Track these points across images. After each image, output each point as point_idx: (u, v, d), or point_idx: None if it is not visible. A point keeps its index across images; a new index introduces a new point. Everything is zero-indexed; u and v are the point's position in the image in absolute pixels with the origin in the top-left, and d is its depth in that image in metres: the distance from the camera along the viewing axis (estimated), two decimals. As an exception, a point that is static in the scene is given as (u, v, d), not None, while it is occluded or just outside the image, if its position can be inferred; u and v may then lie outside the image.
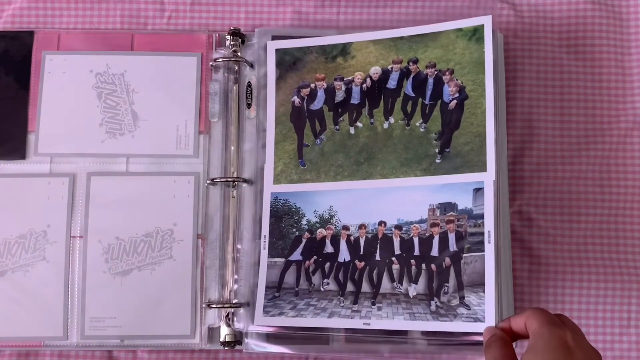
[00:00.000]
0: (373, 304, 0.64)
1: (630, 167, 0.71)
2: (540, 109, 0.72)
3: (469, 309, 0.61)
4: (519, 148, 0.72)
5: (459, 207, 0.64)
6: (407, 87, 0.69)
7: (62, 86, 0.71)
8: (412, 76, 0.69)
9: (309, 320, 0.64)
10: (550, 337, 0.49)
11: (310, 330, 0.65)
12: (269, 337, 0.66)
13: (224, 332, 0.67)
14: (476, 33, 0.67)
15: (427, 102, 0.68)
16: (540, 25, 0.74)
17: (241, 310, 0.67)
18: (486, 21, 0.66)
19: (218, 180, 0.69)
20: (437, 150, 0.66)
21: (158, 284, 0.68)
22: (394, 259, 0.65)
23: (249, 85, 0.72)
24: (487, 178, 0.63)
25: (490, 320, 0.60)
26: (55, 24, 0.74)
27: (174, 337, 0.67)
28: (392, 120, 0.69)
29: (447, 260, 0.64)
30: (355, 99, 0.70)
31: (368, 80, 0.70)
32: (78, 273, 0.68)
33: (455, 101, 0.67)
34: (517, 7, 0.74)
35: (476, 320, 0.60)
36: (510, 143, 0.71)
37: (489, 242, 0.62)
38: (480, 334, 0.58)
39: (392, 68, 0.69)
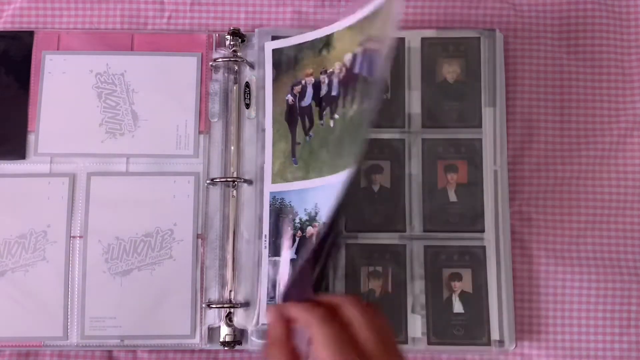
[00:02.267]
0: None
1: (630, 167, 0.71)
2: (540, 109, 0.72)
3: None
4: (519, 148, 0.72)
5: None
6: None
7: (62, 86, 0.71)
8: None
9: None
10: None
11: None
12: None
13: (224, 332, 0.67)
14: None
15: None
16: (540, 25, 0.74)
17: (241, 310, 0.67)
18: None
19: (218, 180, 0.69)
20: None
21: (158, 284, 0.68)
22: None
23: (247, 85, 0.72)
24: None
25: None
26: (55, 24, 0.74)
27: (174, 337, 0.67)
28: None
29: None
30: (334, 91, 0.67)
31: (343, 69, 0.66)
32: (78, 273, 0.68)
33: None
34: (517, 7, 0.74)
35: None
36: (510, 143, 0.71)
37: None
38: None
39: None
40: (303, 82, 0.69)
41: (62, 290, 0.67)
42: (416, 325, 0.66)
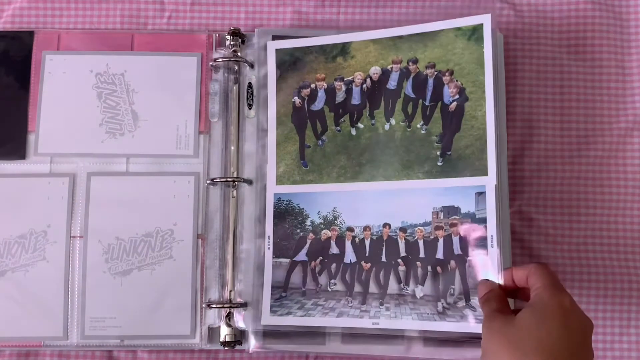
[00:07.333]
0: (381, 304, 0.64)
1: (630, 167, 0.71)
2: (540, 109, 0.72)
3: (475, 311, 0.61)
4: (519, 148, 0.72)
5: (462, 211, 0.63)
6: (407, 88, 0.68)
7: (62, 86, 0.71)
8: (412, 77, 0.68)
9: (317, 320, 0.65)
10: (550, 300, 0.52)
11: (317, 330, 0.65)
12: (268, 336, 0.66)
13: (224, 332, 0.67)
14: (475, 32, 0.66)
15: (427, 103, 0.67)
16: (540, 25, 0.74)
17: (241, 310, 0.67)
18: (485, 20, 0.65)
19: (218, 180, 0.69)
20: (438, 153, 0.65)
21: (158, 284, 0.68)
22: (399, 260, 0.65)
23: (250, 85, 0.72)
24: (489, 182, 0.63)
25: None
26: (55, 24, 0.74)
27: (174, 337, 0.67)
28: (393, 121, 0.68)
29: (452, 262, 0.63)
30: (355, 100, 0.69)
31: (368, 80, 0.69)
32: (78, 273, 0.68)
33: (455, 103, 0.66)
34: (517, 7, 0.74)
35: (482, 321, 0.60)
36: (510, 143, 0.71)
37: (492, 247, 0.62)
38: None
39: (391, 68, 0.68)
40: (313, 85, 0.70)
41: (62, 290, 0.67)
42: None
